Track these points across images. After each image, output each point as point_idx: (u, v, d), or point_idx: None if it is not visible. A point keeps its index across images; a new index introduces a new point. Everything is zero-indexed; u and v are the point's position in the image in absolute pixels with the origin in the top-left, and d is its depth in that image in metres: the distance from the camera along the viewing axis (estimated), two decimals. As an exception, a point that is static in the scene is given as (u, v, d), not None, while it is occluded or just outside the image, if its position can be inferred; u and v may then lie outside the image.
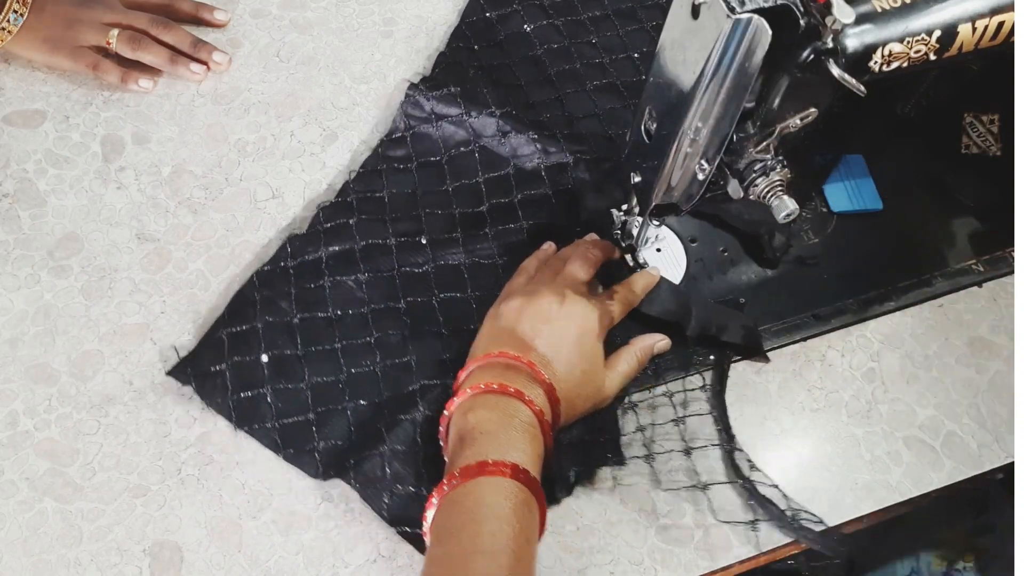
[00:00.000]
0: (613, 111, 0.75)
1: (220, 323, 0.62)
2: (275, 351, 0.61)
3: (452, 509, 0.50)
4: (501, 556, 0.47)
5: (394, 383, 0.61)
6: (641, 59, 0.78)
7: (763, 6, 0.45)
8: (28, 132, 0.70)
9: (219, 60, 0.74)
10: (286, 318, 0.62)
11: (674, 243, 0.68)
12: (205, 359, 0.61)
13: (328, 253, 0.65)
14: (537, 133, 0.71)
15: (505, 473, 0.50)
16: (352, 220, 0.67)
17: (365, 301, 0.64)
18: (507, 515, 0.49)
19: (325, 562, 0.56)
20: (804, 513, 0.58)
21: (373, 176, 0.69)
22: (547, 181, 0.70)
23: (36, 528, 0.56)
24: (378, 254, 0.66)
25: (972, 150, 0.74)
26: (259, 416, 0.59)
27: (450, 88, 0.72)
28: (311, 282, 0.64)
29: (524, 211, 0.69)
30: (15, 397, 0.60)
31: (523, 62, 0.77)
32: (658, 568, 0.57)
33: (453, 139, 0.71)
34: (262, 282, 0.64)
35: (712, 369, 0.63)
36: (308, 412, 0.60)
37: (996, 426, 0.63)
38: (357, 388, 0.61)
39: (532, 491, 0.51)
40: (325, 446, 0.59)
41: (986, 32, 0.52)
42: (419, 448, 0.58)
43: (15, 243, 0.66)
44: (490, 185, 0.70)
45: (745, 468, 0.59)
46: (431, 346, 0.62)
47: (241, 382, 0.60)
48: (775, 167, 0.55)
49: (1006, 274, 0.69)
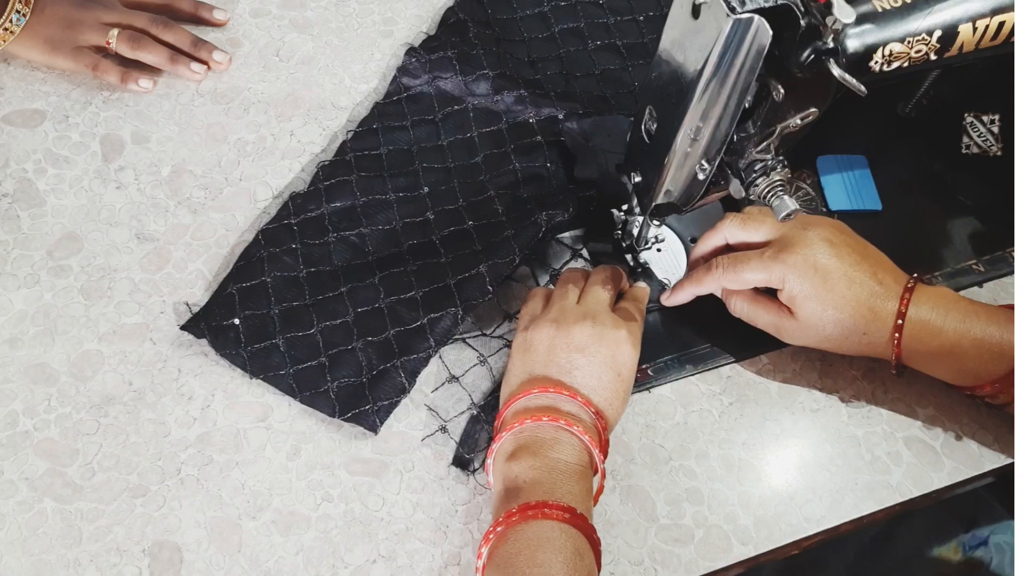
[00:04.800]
0: (611, 72, 0.77)
1: (229, 279, 0.64)
2: (284, 304, 0.63)
3: (506, 546, 0.50)
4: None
5: (401, 318, 0.63)
6: (646, 22, 0.80)
7: (763, 6, 0.45)
8: (28, 132, 0.70)
9: (219, 59, 0.74)
10: (292, 273, 0.64)
11: (674, 243, 0.68)
12: (217, 314, 0.63)
13: (330, 209, 0.67)
14: (529, 92, 0.73)
15: (559, 517, 0.50)
16: (352, 177, 0.69)
17: (369, 252, 0.66)
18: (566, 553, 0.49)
19: (325, 562, 0.56)
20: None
21: (369, 135, 0.72)
22: (538, 131, 0.72)
23: (36, 528, 0.56)
24: (379, 209, 0.68)
25: (972, 150, 0.74)
26: (273, 365, 0.61)
27: (447, 52, 0.74)
28: (316, 238, 0.66)
29: (517, 158, 0.71)
30: (15, 397, 0.60)
31: (530, 17, 0.79)
32: (658, 568, 0.57)
33: (447, 98, 0.73)
34: (267, 239, 0.66)
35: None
36: (320, 356, 0.61)
37: (996, 426, 0.63)
38: (365, 326, 0.62)
39: (584, 532, 0.50)
40: (339, 386, 0.60)
41: (987, 32, 0.52)
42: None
43: (14, 243, 0.65)
44: (484, 139, 0.72)
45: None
46: (433, 275, 0.64)
47: (253, 334, 0.62)
48: (775, 167, 0.55)
49: (1006, 274, 0.69)
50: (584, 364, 0.55)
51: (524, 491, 0.51)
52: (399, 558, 0.56)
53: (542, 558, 0.48)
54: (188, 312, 0.63)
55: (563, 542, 0.49)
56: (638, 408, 0.62)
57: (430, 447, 0.60)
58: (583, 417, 0.54)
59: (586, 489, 0.53)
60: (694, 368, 0.64)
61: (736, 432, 0.62)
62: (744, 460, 0.61)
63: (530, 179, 0.70)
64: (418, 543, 0.57)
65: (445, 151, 0.71)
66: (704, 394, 0.63)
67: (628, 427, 0.62)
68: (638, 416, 0.62)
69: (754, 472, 0.61)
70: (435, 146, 0.71)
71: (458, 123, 0.73)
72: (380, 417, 0.60)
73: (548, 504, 0.50)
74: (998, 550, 0.82)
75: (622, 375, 0.56)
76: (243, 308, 0.63)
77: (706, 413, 0.62)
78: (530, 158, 0.71)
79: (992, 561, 0.82)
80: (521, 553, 0.49)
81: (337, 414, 0.59)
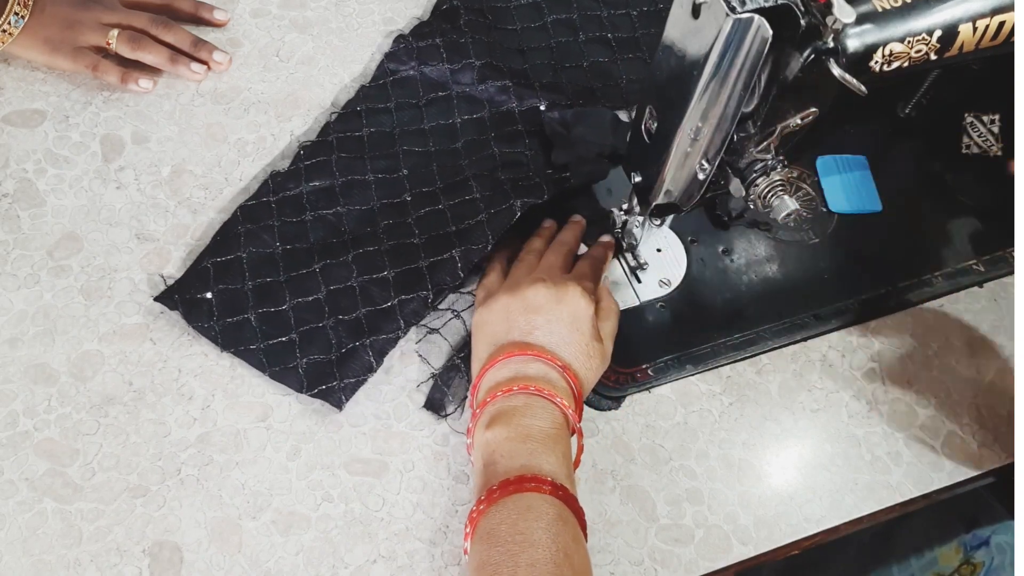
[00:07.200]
0: (600, 64, 0.77)
1: (206, 254, 0.65)
2: (259, 279, 0.64)
3: (496, 517, 0.50)
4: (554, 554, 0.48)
5: (372, 298, 0.63)
6: (639, 17, 0.80)
7: (763, 6, 0.45)
8: (28, 132, 0.70)
9: (219, 60, 0.74)
10: (268, 249, 0.65)
11: (674, 243, 0.68)
12: (191, 287, 0.63)
13: (308, 188, 0.68)
14: (514, 82, 0.73)
15: (540, 491, 0.50)
16: (332, 157, 0.69)
17: (345, 231, 0.66)
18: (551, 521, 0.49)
19: (325, 562, 0.56)
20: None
21: (353, 116, 0.72)
22: (520, 120, 0.72)
23: (36, 528, 0.56)
24: (357, 189, 0.68)
25: (972, 150, 0.74)
26: (244, 339, 0.62)
27: (435, 39, 0.74)
28: (294, 216, 0.67)
29: (498, 144, 0.71)
30: (15, 397, 0.60)
31: (524, 7, 0.79)
32: (658, 568, 0.57)
33: (432, 84, 0.74)
34: (246, 216, 0.66)
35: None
36: (291, 332, 0.62)
37: (996, 426, 0.63)
38: (336, 305, 0.63)
39: (567, 504, 0.51)
40: (308, 362, 0.61)
41: (987, 32, 0.52)
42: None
43: (15, 243, 0.65)
44: (466, 125, 0.72)
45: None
46: (407, 256, 0.65)
47: (226, 308, 0.63)
48: (776, 167, 0.55)
49: (1006, 274, 0.69)
50: (543, 323, 0.57)
51: (502, 463, 0.52)
52: (399, 558, 0.56)
53: (523, 526, 0.49)
54: (163, 284, 0.64)
55: (544, 509, 0.49)
56: (638, 408, 0.62)
57: (430, 447, 0.60)
58: (552, 376, 0.55)
59: (563, 454, 0.53)
60: (694, 368, 0.63)
61: (736, 432, 0.62)
62: (744, 460, 0.61)
63: (509, 164, 0.70)
64: (418, 543, 0.57)
65: (427, 135, 0.72)
66: (704, 394, 0.63)
67: (628, 427, 0.62)
68: (638, 416, 0.62)
69: (754, 472, 0.61)
70: (417, 130, 0.72)
71: (442, 109, 0.73)
72: (346, 394, 0.60)
73: (527, 478, 0.50)
74: (999, 551, 0.82)
75: (582, 330, 0.57)
76: (217, 282, 0.63)
77: (706, 413, 0.62)
78: (510, 145, 0.71)
79: (993, 562, 0.82)
80: (503, 523, 0.49)
81: (305, 389, 0.60)
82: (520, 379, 0.55)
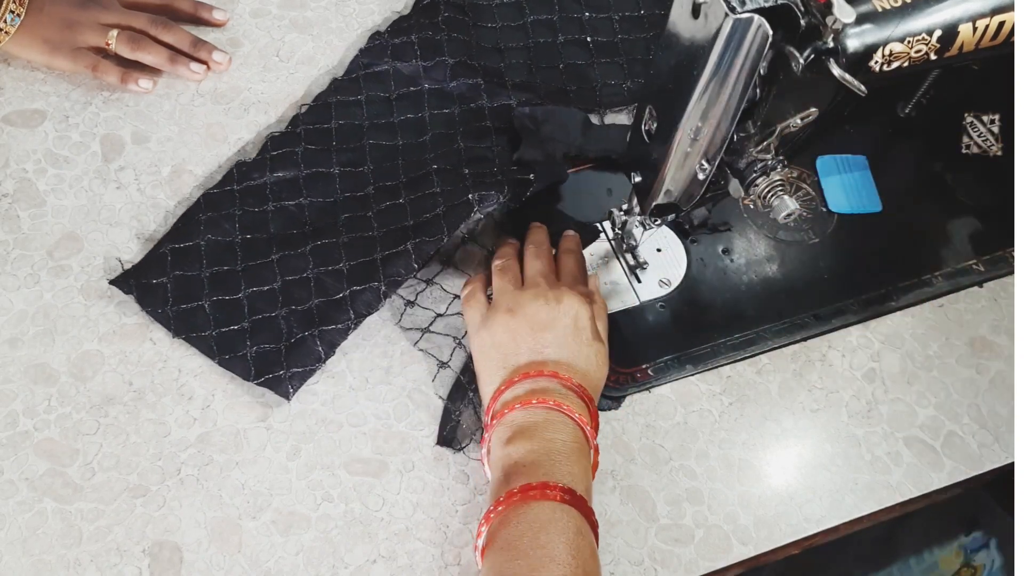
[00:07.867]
0: (576, 67, 0.76)
1: (165, 239, 0.65)
2: (216, 267, 0.64)
3: (509, 527, 0.50)
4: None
5: (325, 289, 0.63)
6: (621, 21, 0.79)
7: (763, 6, 0.45)
8: (28, 132, 0.70)
9: (219, 60, 0.74)
10: (228, 238, 0.65)
11: (674, 243, 0.68)
12: (148, 272, 0.64)
13: (273, 179, 0.68)
14: (486, 80, 0.73)
15: (559, 498, 0.50)
16: (299, 148, 0.70)
17: (306, 222, 0.67)
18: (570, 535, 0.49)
19: (325, 562, 0.56)
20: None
21: (323, 108, 0.72)
22: (488, 117, 0.72)
23: (36, 528, 0.56)
24: (321, 181, 0.68)
25: (972, 150, 0.74)
26: (197, 326, 0.62)
27: (410, 36, 0.74)
28: (256, 206, 0.67)
29: (464, 140, 0.71)
30: (15, 397, 0.60)
31: (505, 5, 0.79)
32: (658, 568, 0.57)
33: (404, 79, 0.74)
34: (208, 204, 0.67)
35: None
36: (244, 321, 0.62)
37: (996, 426, 0.63)
38: (290, 295, 0.63)
39: (583, 514, 0.51)
40: (258, 351, 0.61)
41: (987, 32, 0.52)
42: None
43: (15, 243, 0.65)
44: (434, 119, 0.72)
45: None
46: (363, 248, 0.65)
47: (181, 294, 0.63)
48: (776, 167, 0.55)
49: (1006, 274, 0.69)
50: (552, 340, 0.57)
51: (524, 474, 0.51)
52: (399, 558, 0.56)
53: (545, 539, 0.48)
54: (120, 267, 0.64)
55: (565, 522, 0.49)
56: (638, 408, 0.62)
57: (430, 447, 0.60)
58: (569, 394, 0.55)
59: (584, 468, 0.53)
60: (694, 368, 0.64)
61: (736, 432, 0.62)
62: (744, 460, 0.61)
63: (474, 160, 0.69)
64: (418, 543, 0.57)
65: (396, 128, 0.72)
66: (704, 394, 0.63)
67: (628, 427, 0.62)
68: (638, 416, 0.62)
69: (754, 472, 0.61)
70: (387, 123, 0.72)
71: (412, 102, 0.73)
72: (293, 384, 0.60)
73: (549, 485, 0.50)
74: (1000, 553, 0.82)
75: (585, 337, 0.57)
76: (174, 268, 0.64)
77: (706, 413, 0.62)
78: (477, 141, 0.71)
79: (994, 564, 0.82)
80: (524, 535, 0.49)
81: (252, 378, 0.60)
82: (538, 392, 0.54)
